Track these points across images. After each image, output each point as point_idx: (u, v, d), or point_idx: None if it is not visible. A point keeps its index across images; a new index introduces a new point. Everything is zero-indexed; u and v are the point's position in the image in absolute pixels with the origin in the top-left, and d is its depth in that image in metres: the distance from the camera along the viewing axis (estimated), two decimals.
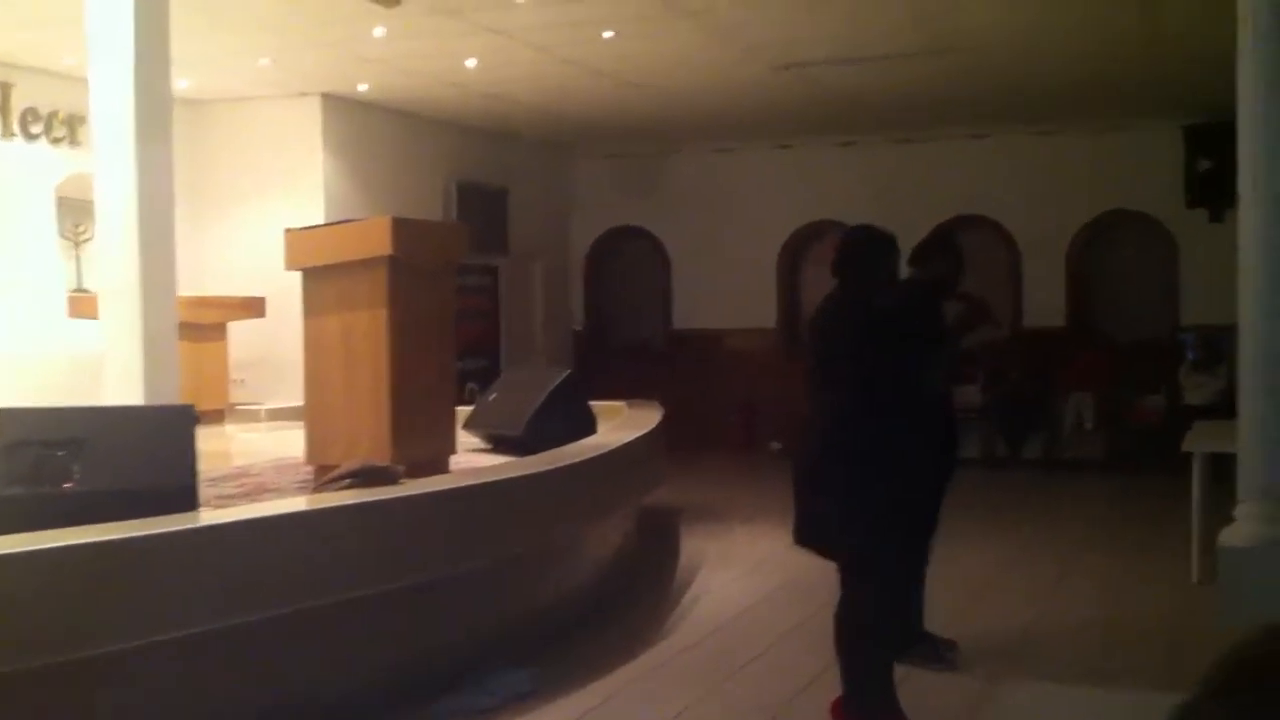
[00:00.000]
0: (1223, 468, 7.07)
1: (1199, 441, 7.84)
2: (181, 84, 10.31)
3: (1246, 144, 5.21)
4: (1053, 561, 8.44)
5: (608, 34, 9.27)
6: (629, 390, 10.62)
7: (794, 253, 14.61)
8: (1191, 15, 8.68)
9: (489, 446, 8.10)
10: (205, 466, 6.26)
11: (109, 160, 6.53)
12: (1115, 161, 13.23)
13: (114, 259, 6.57)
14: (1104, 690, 4.99)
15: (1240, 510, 5.25)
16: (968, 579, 7.44)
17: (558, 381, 8.22)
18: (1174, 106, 12.16)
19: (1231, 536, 5.22)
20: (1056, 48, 9.94)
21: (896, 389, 4.72)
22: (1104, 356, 13.20)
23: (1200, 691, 1.87)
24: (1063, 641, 6.41)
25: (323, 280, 6.29)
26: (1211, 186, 12.03)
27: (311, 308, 6.33)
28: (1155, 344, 13.19)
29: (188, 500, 4.71)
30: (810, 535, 4.81)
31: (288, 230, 6.51)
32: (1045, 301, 13.56)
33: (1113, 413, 12.94)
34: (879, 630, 4.80)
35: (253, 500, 5.76)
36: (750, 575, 7.75)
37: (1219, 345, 11.53)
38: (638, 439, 7.66)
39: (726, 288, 14.62)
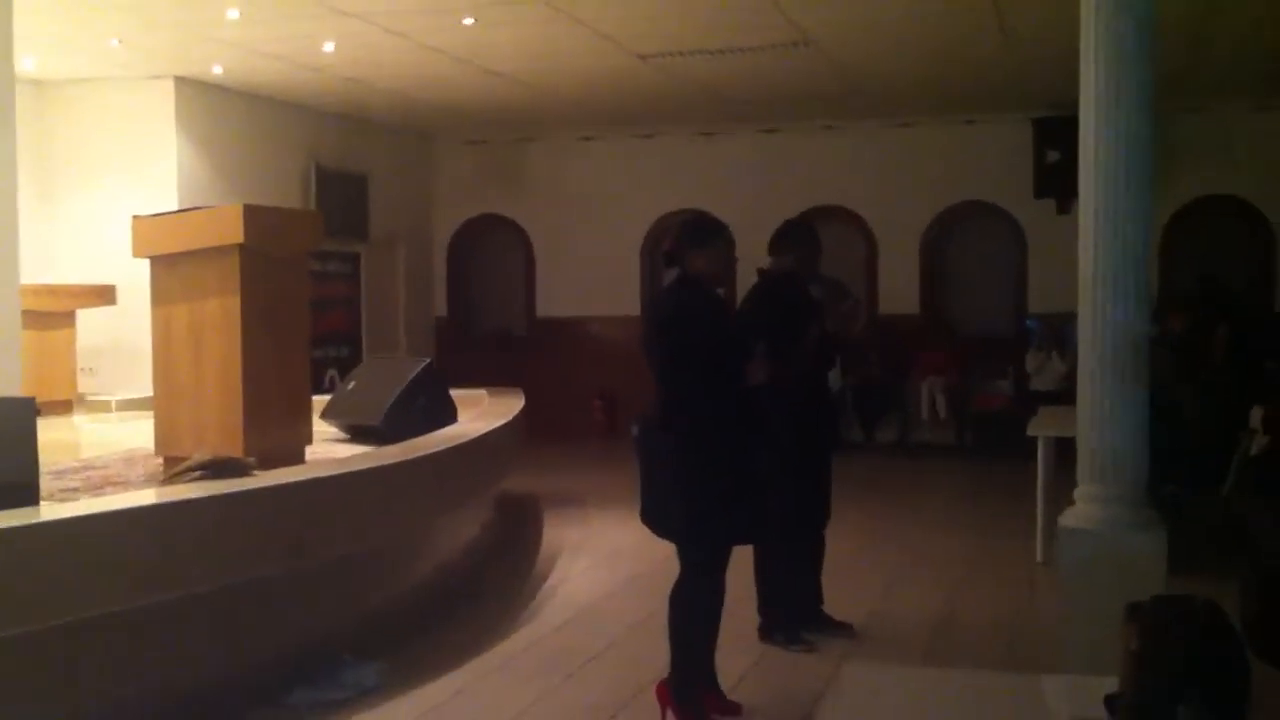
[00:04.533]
0: (1069, 451, 7.31)
1: (1043, 426, 8.11)
2: (25, 63, 10.01)
3: (1086, 137, 5.38)
4: (903, 543, 8.67)
5: (468, 21, 9.22)
6: (492, 378, 10.62)
7: (656, 241, 14.68)
8: (1040, 12, 8.94)
9: (347, 436, 8.02)
10: (50, 459, 6.11)
11: None
12: (967, 153, 13.59)
13: None
14: (943, 670, 5.14)
15: (1078, 492, 5.43)
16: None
17: (417, 370, 8.15)
18: (1024, 100, 12.50)
19: (1070, 518, 5.39)
20: (911, 43, 10.16)
21: (713, 380, 4.77)
22: (955, 343, 13.55)
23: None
24: (910, 621, 6.60)
25: (172, 268, 6.17)
26: (1058, 178, 12.35)
27: (160, 296, 6.21)
28: (1004, 331, 13.58)
29: (28, 495, 4.58)
30: (646, 516, 4.91)
31: (135, 217, 6.36)
32: (900, 290, 13.87)
33: (963, 398, 13.28)
34: (700, 614, 4.90)
35: (98, 493, 5.62)
36: (607, 564, 7.79)
37: (1062, 332, 11.90)
38: (496, 428, 7.65)
39: (589, 276, 14.67)
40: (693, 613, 4.93)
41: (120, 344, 10.06)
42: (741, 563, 5.29)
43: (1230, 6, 8.94)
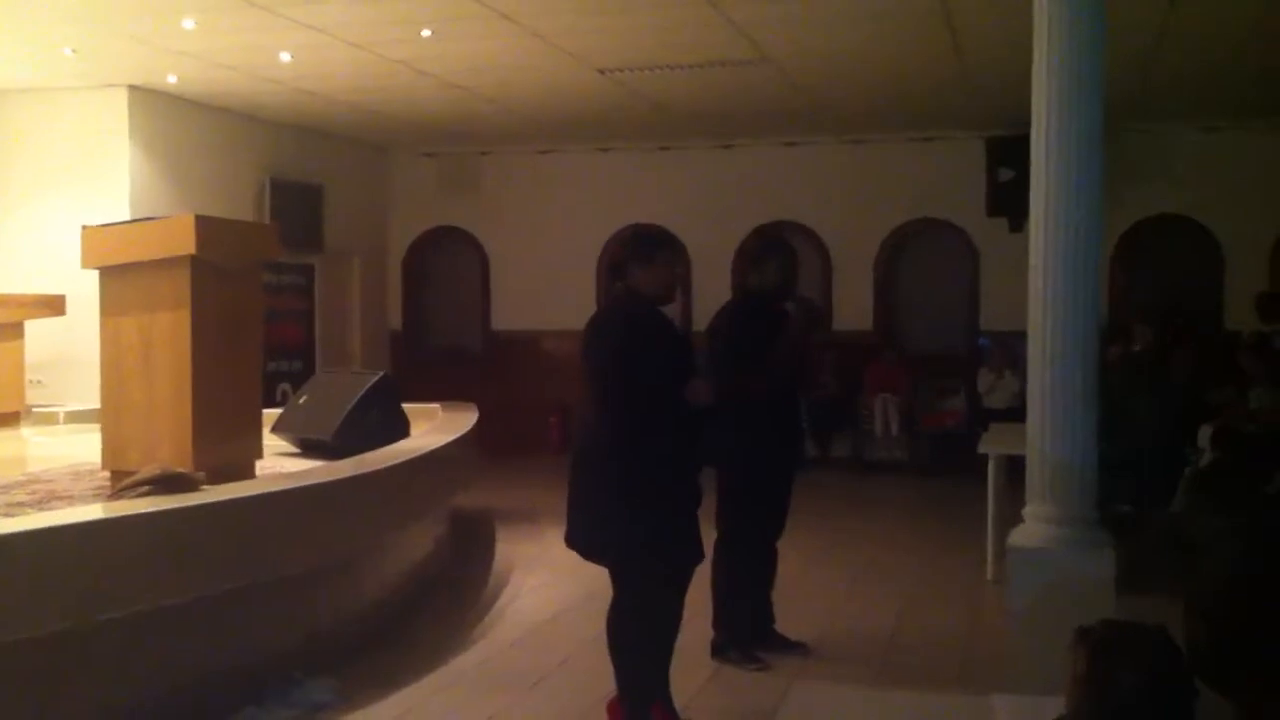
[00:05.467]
0: (1020, 469, 7.36)
1: (994, 444, 8.16)
2: None
3: (1038, 157, 5.44)
4: (855, 561, 8.69)
5: (426, 33, 9.19)
6: (447, 392, 10.57)
7: (613, 255, 14.68)
8: (993, 33, 9.02)
9: (298, 451, 7.96)
10: None
11: None
12: (922, 171, 13.68)
13: None
14: (890, 690, 5.15)
15: (1027, 511, 5.47)
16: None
17: (370, 384, 8.12)
18: (977, 118, 12.60)
19: (1019, 537, 5.43)
20: (867, 61, 10.22)
21: (641, 403, 4.70)
22: (908, 360, 13.61)
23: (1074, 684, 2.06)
24: (862, 639, 6.62)
25: (122, 279, 6.10)
26: (1011, 196, 12.41)
27: (109, 308, 6.14)
28: (957, 349, 13.67)
29: None
30: (574, 540, 4.88)
31: (85, 227, 6.29)
32: (854, 306, 13.93)
33: (916, 415, 13.34)
34: (640, 632, 4.88)
35: (43, 508, 5.55)
36: (559, 580, 7.77)
37: (1015, 350, 11.99)
38: (449, 443, 7.61)
39: (546, 290, 14.64)
40: (631, 635, 4.88)
41: (69, 355, 9.95)
42: (697, 578, 5.29)
43: (1178, 31, 9.05)
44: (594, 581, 7.40)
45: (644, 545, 4.74)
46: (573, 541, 4.88)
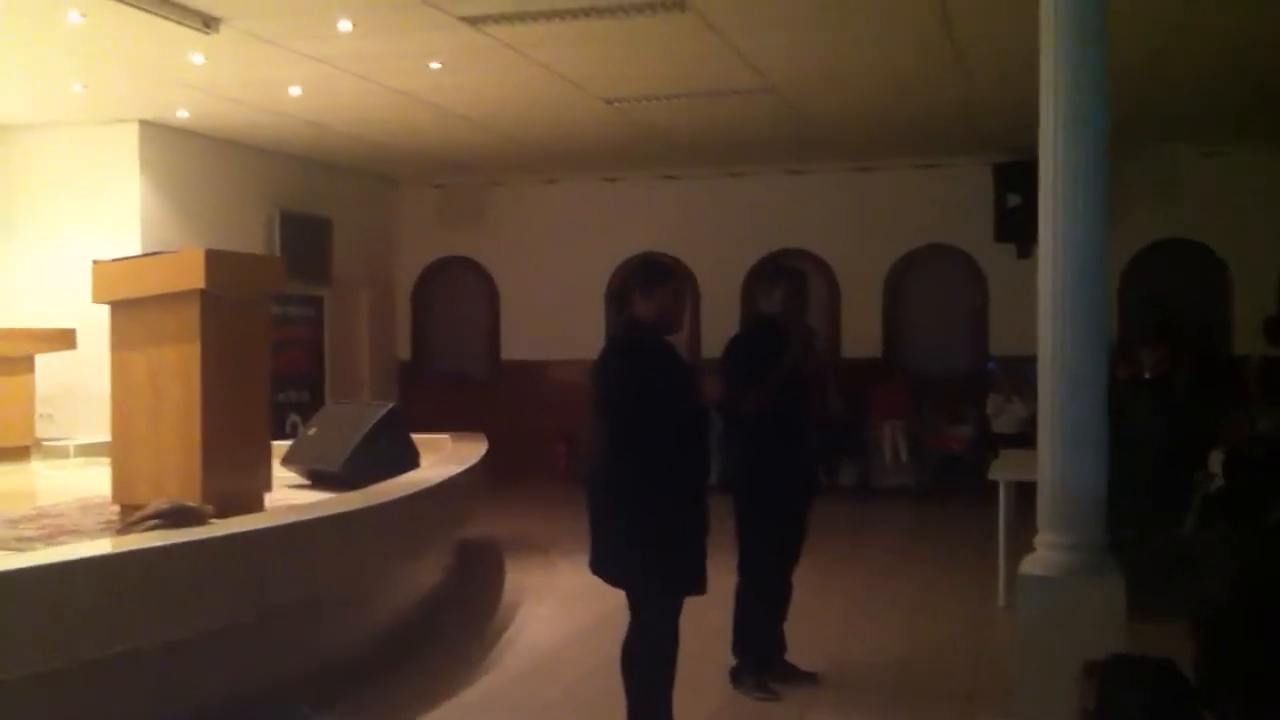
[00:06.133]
0: (1031, 494, 7.33)
1: (1004, 470, 8.14)
2: None
3: (1045, 182, 5.44)
4: (865, 587, 8.66)
5: (434, 65, 9.25)
6: (455, 421, 10.58)
7: (618, 285, 14.70)
8: (999, 59, 9.04)
9: (308, 483, 7.97)
10: (6, 506, 6.07)
11: None
12: (929, 197, 13.70)
13: None
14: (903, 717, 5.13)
15: (1039, 539, 5.43)
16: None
17: (379, 416, 8.13)
18: (985, 145, 12.62)
19: (1031, 565, 5.40)
20: (873, 89, 10.25)
21: (659, 427, 4.72)
22: (916, 386, 13.59)
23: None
24: (871, 668, 6.59)
25: (132, 314, 6.14)
26: (1019, 222, 12.45)
27: (119, 342, 6.17)
28: (965, 374, 13.65)
29: None
30: (595, 565, 4.89)
31: (95, 262, 6.34)
32: (862, 332, 13.93)
33: (924, 441, 13.32)
34: (652, 662, 4.88)
35: (53, 543, 5.56)
36: (567, 610, 7.75)
37: (1023, 375, 11.96)
38: (458, 474, 7.61)
39: (553, 319, 14.66)
40: (644, 662, 4.89)
41: (79, 388, 9.97)
42: (714, 606, 5.27)
43: (1180, 54, 9.07)
44: (601, 611, 7.42)
45: (650, 571, 4.75)
46: (593, 567, 4.90)
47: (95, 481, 7.38)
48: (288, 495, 7.28)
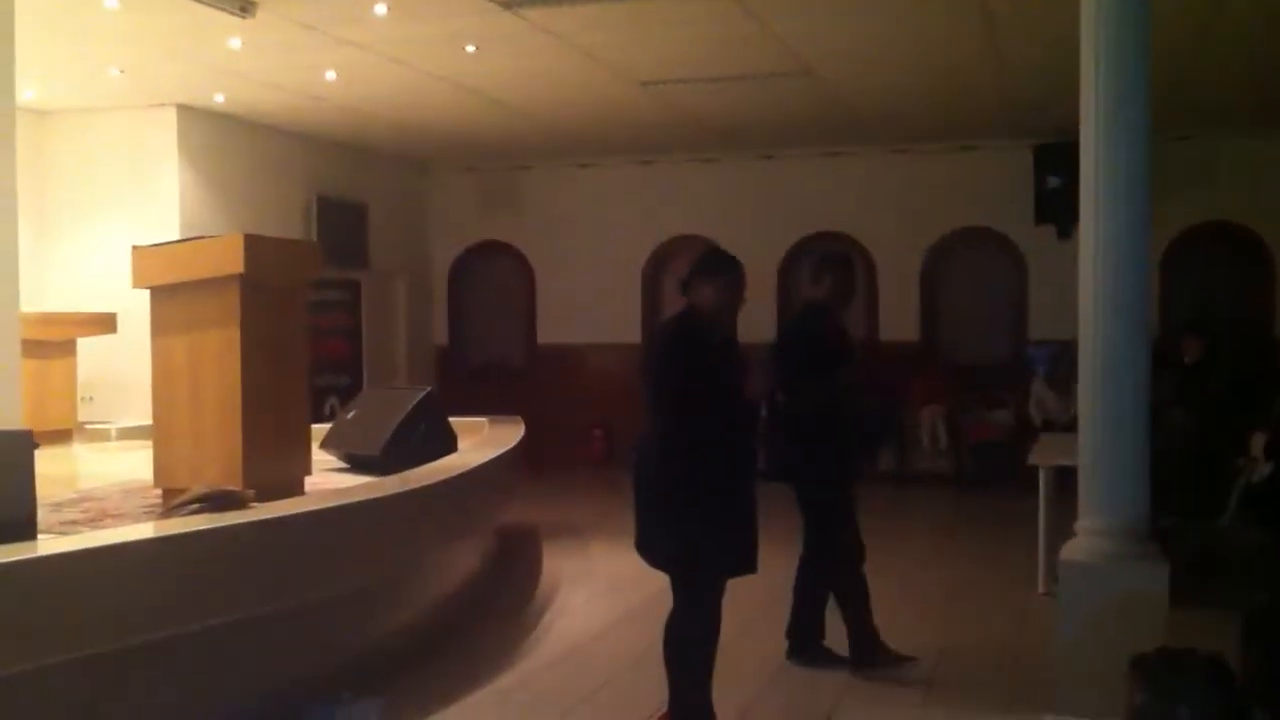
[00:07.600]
0: (1071, 480, 7.28)
1: (1044, 455, 8.08)
2: (26, 94, 10.04)
3: (1087, 164, 5.38)
4: (902, 575, 8.59)
5: (470, 48, 9.24)
6: (492, 406, 10.59)
7: (657, 268, 14.69)
8: (1038, 40, 8.96)
9: (346, 466, 8.00)
10: (49, 490, 6.09)
11: None
12: (967, 179, 13.58)
13: None
14: (943, 709, 5.10)
15: (1080, 525, 5.39)
16: None
17: (417, 400, 8.14)
18: (1023, 126, 12.50)
19: (1071, 551, 5.35)
20: (910, 71, 10.18)
21: (708, 412, 4.74)
22: (955, 371, 13.51)
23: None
24: (910, 653, 6.53)
25: (171, 299, 6.16)
26: (1059, 204, 12.31)
27: (159, 327, 6.19)
28: (1004, 359, 13.55)
29: (25, 529, 4.57)
30: (641, 546, 4.91)
31: (135, 247, 6.35)
32: (899, 317, 13.85)
33: (963, 427, 13.24)
34: (693, 645, 4.88)
35: (96, 527, 5.60)
36: (606, 595, 7.75)
37: (1064, 359, 11.85)
38: (495, 458, 7.61)
39: (589, 303, 14.66)
40: (686, 644, 4.90)
41: (120, 372, 10.04)
42: (751, 597, 5.24)
43: (1222, 35, 8.96)
44: (639, 596, 7.42)
45: (692, 552, 4.75)
46: (639, 548, 4.92)
47: (137, 465, 7.43)
48: (327, 479, 7.30)
